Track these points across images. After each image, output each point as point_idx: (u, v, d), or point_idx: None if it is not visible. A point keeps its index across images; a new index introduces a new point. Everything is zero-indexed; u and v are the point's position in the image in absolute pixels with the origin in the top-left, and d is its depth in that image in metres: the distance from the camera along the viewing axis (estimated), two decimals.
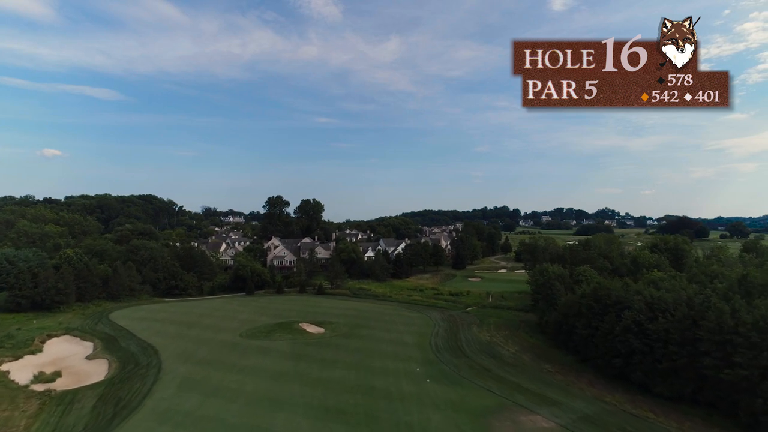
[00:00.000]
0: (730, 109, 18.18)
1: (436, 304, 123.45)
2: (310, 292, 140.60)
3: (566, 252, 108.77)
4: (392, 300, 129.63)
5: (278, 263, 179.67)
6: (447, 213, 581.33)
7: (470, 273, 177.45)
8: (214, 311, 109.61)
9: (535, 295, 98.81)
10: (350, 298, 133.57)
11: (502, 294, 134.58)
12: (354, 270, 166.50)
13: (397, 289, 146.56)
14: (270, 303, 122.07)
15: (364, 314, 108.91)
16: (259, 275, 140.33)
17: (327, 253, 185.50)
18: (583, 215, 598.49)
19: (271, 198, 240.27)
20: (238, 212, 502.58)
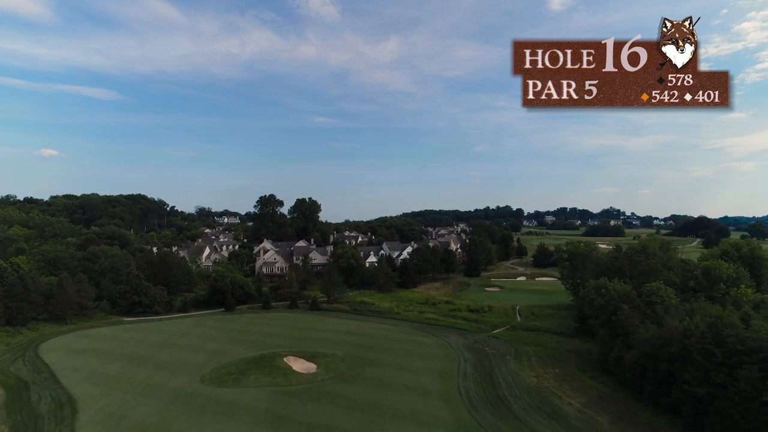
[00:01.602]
0: (730, 109, 17.74)
1: (454, 324, 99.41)
2: (303, 308, 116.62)
3: (622, 262, 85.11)
4: (400, 318, 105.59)
5: (268, 270, 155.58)
6: (448, 213, 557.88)
7: (486, 281, 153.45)
8: (178, 338, 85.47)
9: (590, 320, 74.81)
10: (350, 315, 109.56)
11: (532, 310, 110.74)
12: (354, 279, 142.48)
13: (404, 302, 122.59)
14: (252, 324, 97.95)
15: (368, 341, 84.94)
16: (242, 287, 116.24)
17: (323, 258, 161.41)
18: (588, 215, 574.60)
19: (263, 197, 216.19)
20: (233, 213, 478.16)
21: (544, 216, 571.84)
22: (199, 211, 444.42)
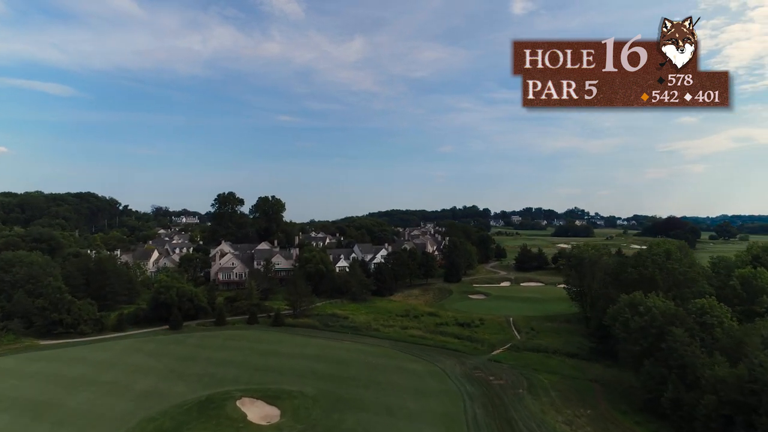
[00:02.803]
0: (730, 108, 17.38)
1: (445, 343, 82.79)
2: (264, 323, 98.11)
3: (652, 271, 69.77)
4: (380, 335, 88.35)
5: (224, 277, 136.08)
6: (415, 213, 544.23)
7: (468, 287, 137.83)
8: (102, 371, 66.02)
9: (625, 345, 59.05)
10: (320, 332, 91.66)
11: (530, 324, 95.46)
12: (323, 286, 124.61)
13: (382, 314, 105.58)
14: (200, 347, 79.01)
15: (345, 371, 67.45)
16: (191, 300, 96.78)
17: (288, 263, 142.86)
18: (553, 215, 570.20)
19: (222, 195, 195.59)
20: (192, 212, 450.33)
21: (510, 216, 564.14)
22: (156, 210, 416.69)
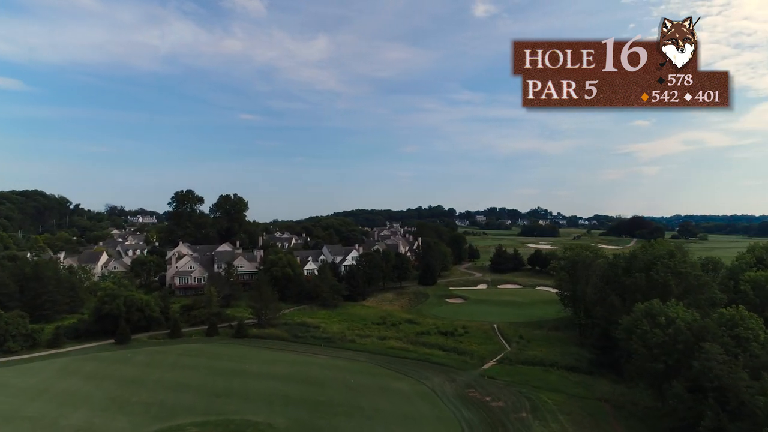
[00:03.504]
0: (730, 108, 17.14)
1: (429, 356, 73.94)
2: (225, 334, 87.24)
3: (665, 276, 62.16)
4: (357, 348, 78.80)
5: (182, 282, 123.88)
6: (381, 213, 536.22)
7: (445, 291, 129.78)
8: (25, 402, 54.26)
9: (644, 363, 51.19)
10: (289, 344, 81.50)
11: (518, 331, 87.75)
12: (290, 291, 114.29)
13: (356, 322, 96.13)
14: (150, 367, 67.70)
15: (320, 393, 57.69)
16: (141, 310, 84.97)
17: (252, 265, 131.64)
18: (517, 215, 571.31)
19: (179, 193, 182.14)
20: (149, 211, 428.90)
21: (475, 216, 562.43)
22: (110, 209, 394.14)
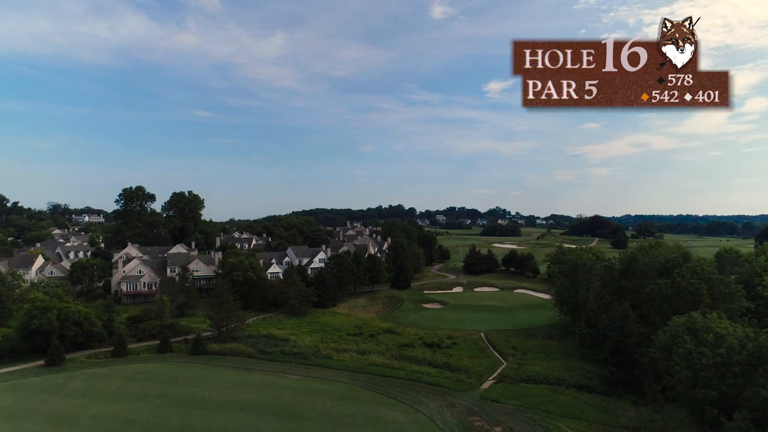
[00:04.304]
0: (730, 108, 16.98)
1: (419, 374, 64.24)
2: (181, 351, 75.29)
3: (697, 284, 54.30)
4: (335, 366, 68.37)
5: (130, 288, 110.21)
6: (341, 212, 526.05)
7: (420, 295, 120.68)
8: None
9: (687, 390, 43.20)
10: (256, 362, 70.37)
11: (509, 342, 79.49)
12: (253, 297, 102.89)
13: (330, 332, 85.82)
14: (86, 398, 55.25)
15: (299, 430, 47.39)
16: (79, 324, 71.90)
17: (210, 269, 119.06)
18: (477, 214, 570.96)
19: (128, 189, 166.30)
20: (97, 210, 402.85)
21: (435, 215, 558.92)
22: (53, 208, 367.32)
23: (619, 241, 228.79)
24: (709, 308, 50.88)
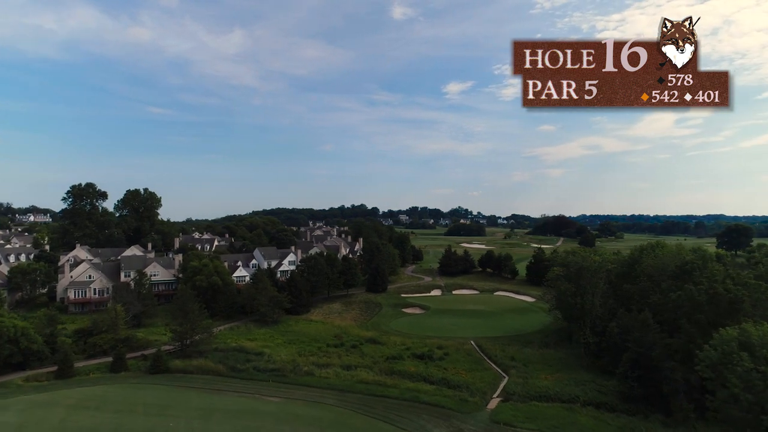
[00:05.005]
0: (730, 108, 16.61)
1: (417, 394, 56.45)
2: (137, 369, 65.20)
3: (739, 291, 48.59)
4: (319, 384, 59.89)
5: (79, 295, 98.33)
6: (302, 211, 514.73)
7: (398, 298, 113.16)
8: None
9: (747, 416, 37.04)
10: (226, 382, 61.20)
11: (505, 351, 73.01)
12: (219, 303, 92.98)
13: (308, 343, 77.26)
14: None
15: None
16: (14, 340, 60.89)
17: (169, 273, 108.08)
18: (440, 214, 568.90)
19: (77, 186, 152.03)
20: (43, 209, 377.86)
21: (398, 215, 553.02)
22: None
23: (587, 240, 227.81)
24: (747, 317, 45.34)
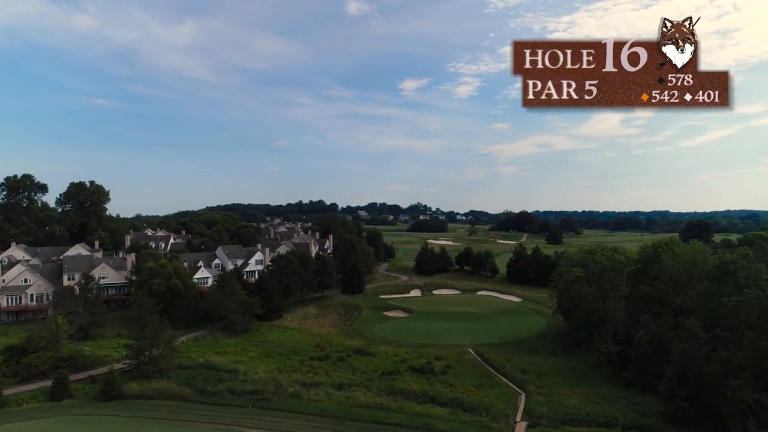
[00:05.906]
0: (730, 108, 16.41)
1: (429, 420, 47.06)
2: (83, 396, 53.40)
3: None
4: (309, 410, 49.87)
5: (13, 302, 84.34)
6: (259, 207, 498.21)
7: (377, 300, 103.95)
8: None
9: None
10: (195, 409, 50.35)
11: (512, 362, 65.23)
12: (180, 309, 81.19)
13: (287, 355, 67.20)
14: None
15: None
16: None
17: (121, 276, 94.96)
18: (399, 210, 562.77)
19: (12, 179, 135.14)
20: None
21: (357, 211, 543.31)
22: None
23: (554, 236, 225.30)
24: None
